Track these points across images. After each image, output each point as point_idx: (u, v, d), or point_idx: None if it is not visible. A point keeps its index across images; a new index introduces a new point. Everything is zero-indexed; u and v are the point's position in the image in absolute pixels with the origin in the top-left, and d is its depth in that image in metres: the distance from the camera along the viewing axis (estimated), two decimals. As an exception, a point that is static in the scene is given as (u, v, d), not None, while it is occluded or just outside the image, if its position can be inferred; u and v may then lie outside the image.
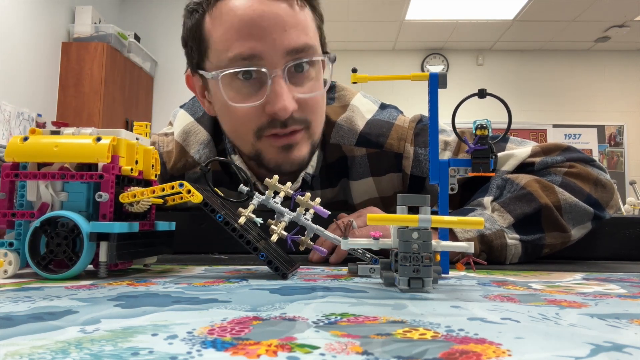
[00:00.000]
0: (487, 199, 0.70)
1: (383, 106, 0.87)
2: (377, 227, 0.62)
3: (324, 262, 0.66)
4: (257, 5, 0.68)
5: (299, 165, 0.76)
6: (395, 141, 0.82)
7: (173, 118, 0.90)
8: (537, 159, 0.75)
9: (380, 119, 0.83)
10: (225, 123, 0.78)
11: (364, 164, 0.83)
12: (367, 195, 0.86)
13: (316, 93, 0.73)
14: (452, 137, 0.82)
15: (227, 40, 0.69)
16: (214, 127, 0.83)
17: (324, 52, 0.76)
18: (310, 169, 0.81)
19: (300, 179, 0.80)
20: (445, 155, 0.81)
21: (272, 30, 0.67)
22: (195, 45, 0.74)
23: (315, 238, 0.53)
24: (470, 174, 0.51)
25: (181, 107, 0.90)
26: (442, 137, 0.82)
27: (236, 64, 0.69)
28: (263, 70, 0.68)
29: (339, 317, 0.30)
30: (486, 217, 0.68)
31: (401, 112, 0.87)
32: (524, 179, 0.72)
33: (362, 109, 0.84)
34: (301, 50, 0.70)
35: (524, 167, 0.76)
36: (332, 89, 0.88)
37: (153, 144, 0.86)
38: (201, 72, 0.74)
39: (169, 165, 0.84)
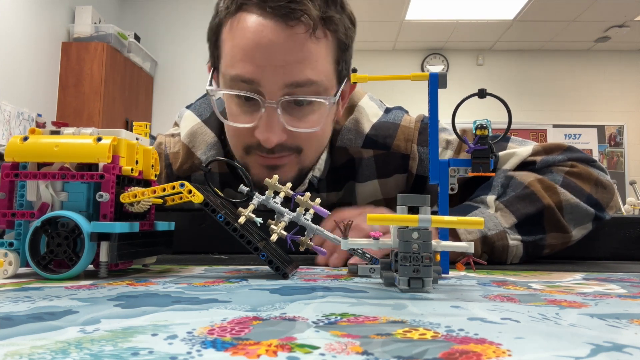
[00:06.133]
0: (490, 198, 0.70)
1: (388, 110, 0.87)
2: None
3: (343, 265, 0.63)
4: (269, 30, 0.66)
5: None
6: (402, 142, 0.82)
7: (179, 119, 0.89)
8: (538, 158, 0.75)
9: (386, 121, 0.83)
10: (225, 127, 0.79)
11: (371, 165, 0.83)
12: (372, 197, 0.86)
13: (311, 130, 0.71)
14: (453, 136, 0.82)
15: (233, 56, 0.68)
16: (221, 129, 0.82)
17: (339, 82, 0.74)
18: (317, 172, 0.81)
19: (307, 181, 0.80)
20: (447, 154, 0.81)
21: (275, 61, 0.66)
22: (212, 48, 0.74)
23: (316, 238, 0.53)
24: (471, 174, 0.51)
25: (187, 107, 0.89)
26: (444, 136, 0.82)
27: (237, 85, 0.69)
28: (257, 98, 0.68)
29: (339, 317, 0.30)
30: (489, 217, 0.68)
31: (406, 112, 0.87)
32: (527, 177, 0.72)
33: (369, 111, 0.84)
34: (302, 85, 0.68)
35: (525, 166, 0.76)
36: None
37: (159, 144, 0.85)
38: (211, 80, 0.75)
39: (175, 166, 0.83)
